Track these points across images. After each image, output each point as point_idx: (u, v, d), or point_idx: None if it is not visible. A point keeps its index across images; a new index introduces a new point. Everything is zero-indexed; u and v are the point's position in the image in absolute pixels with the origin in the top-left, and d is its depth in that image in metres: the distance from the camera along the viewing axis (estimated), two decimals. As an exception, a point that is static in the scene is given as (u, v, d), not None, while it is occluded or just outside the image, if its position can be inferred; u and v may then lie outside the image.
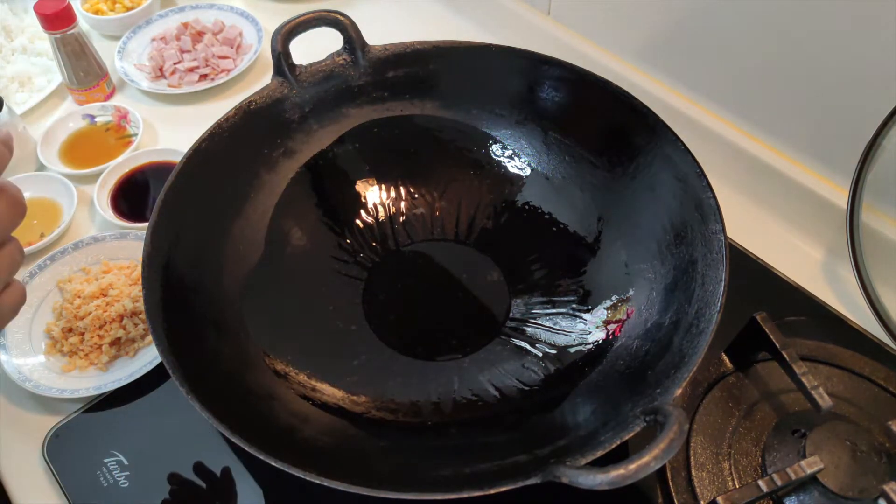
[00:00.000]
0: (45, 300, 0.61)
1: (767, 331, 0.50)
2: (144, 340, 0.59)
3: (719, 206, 0.48)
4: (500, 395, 0.52)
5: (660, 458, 0.34)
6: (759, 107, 0.65)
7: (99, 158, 0.73)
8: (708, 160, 0.53)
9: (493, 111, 0.61)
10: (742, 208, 0.68)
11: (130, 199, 0.70)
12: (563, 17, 0.78)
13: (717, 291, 0.44)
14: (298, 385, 0.50)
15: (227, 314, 0.51)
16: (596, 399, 0.48)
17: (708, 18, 0.63)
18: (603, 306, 0.54)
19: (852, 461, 0.46)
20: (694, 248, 0.49)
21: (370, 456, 0.47)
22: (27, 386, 0.55)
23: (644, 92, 0.69)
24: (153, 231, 0.48)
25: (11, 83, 0.81)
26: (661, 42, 0.69)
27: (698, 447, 0.50)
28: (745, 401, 0.52)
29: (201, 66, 0.82)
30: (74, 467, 0.53)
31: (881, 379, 0.53)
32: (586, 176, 0.58)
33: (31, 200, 0.70)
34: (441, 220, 0.62)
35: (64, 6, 0.72)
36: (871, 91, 0.55)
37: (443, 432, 0.50)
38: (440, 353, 0.55)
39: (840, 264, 0.63)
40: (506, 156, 0.62)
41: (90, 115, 0.77)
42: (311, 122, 0.59)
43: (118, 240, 0.65)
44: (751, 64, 0.62)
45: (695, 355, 0.41)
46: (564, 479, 0.36)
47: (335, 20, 0.56)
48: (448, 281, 0.60)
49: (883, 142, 0.55)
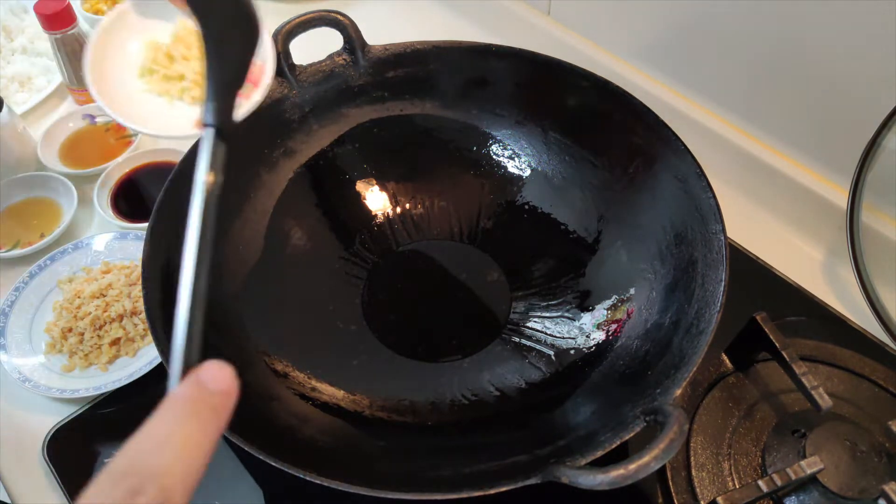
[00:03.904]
0: (45, 300, 0.61)
1: (767, 331, 0.50)
2: (144, 340, 0.59)
3: (719, 206, 0.48)
4: (500, 395, 0.52)
5: (660, 458, 0.34)
6: (759, 107, 0.65)
7: (99, 158, 0.73)
8: (708, 160, 0.53)
9: (493, 111, 0.61)
10: (742, 208, 0.68)
11: (130, 199, 0.70)
12: (563, 17, 0.78)
13: (717, 291, 0.44)
14: (298, 385, 0.50)
15: (227, 314, 0.51)
16: (596, 399, 0.48)
17: (708, 19, 0.63)
18: (603, 306, 0.54)
19: (852, 461, 0.46)
20: (694, 248, 0.49)
21: (370, 456, 0.47)
22: (27, 386, 0.55)
23: (644, 92, 0.69)
24: (153, 231, 0.48)
25: (11, 83, 0.81)
26: (662, 42, 0.69)
27: (698, 447, 0.50)
28: (745, 401, 0.52)
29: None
30: (74, 467, 0.53)
31: (881, 379, 0.53)
32: (586, 176, 0.58)
33: (31, 200, 0.70)
34: (441, 220, 0.62)
35: (64, 6, 0.72)
36: (871, 91, 0.55)
37: (443, 432, 0.50)
38: (440, 354, 0.55)
39: (840, 264, 0.63)
40: (506, 156, 0.62)
41: (90, 115, 0.77)
42: (310, 122, 0.59)
43: (118, 240, 0.65)
44: (751, 64, 0.62)
45: (695, 355, 0.41)
46: (564, 479, 0.36)
47: (335, 20, 0.56)
48: (448, 281, 0.60)
49: (883, 142, 0.55)
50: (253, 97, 0.47)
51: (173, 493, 0.17)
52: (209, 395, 0.20)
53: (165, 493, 0.17)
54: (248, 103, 0.47)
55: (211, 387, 0.21)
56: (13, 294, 0.61)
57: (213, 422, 0.20)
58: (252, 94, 0.47)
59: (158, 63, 0.48)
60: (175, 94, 0.49)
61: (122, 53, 0.48)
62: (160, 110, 0.48)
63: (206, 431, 0.19)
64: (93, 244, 0.65)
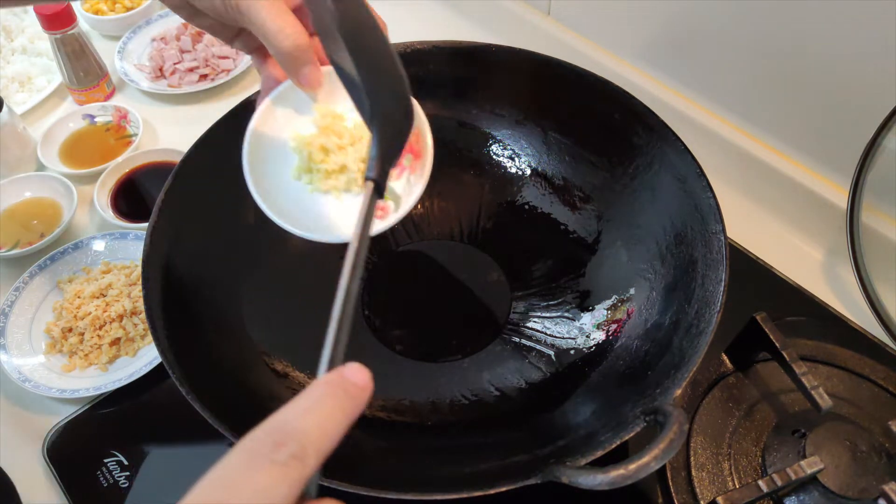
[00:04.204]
0: (45, 300, 0.61)
1: (767, 331, 0.50)
2: (144, 340, 0.59)
3: (719, 206, 0.48)
4: (500, 395, 0.52)
5: (660, 459, 0.34)
6: (759, 107, 0.65)
7: (99, 158, 0.73)
8: (708, 160, 0.53)
9: (493, 111, 0.61)
10: (742, 208, 0.68)
11: (130, 199, 0.70)
12: (563, 17, 0.78)
13: (717, 291, 0.44)
14: (298, 385, 0.50)
15: (227, 314, 0.51)
16: (596, 399, 0.48)
17: (708, 19, 0.63)
18: (603, 306, 0.54)
19: (852, 461, 0.45)
20: (694, 248, 0.49)
21: (370, 456, 0.47)
22: (27, 386, 0.55)
23: (644, 92, 0.69)
24: (153, 231, 0.48)
25: (11, 83, 0.81)
26: (662, 42, 0.69)
27: (698, 447, 0.50)
28: (745, 401, 0.52)
29: (201, 67, 0.82)
30: (74, 467, 0.53)
31: (881, 379, 0.52)
32: (586, 176, 0.58)
33: (31, 200, 0.70)
34: (441, 221, 0.62)
35: (64, 6, 0.72)
36: (871, 91, 0.55)
37: (443, 432, 0.50)
38: (440, 354, 0.55)
39: (840, 264, 0.63)
40: (506, 156, 0.62)
41: (90, 115, 0.77)
42: (311, 122, 0.59)
43: (118, 240, 0.65)
44: (751, 64, 0.62)
45: (695, 355, 0.41)
46: (564, 479, 0.36)
47: (335, 20, 0.56)
48: (448, 281, 0.60)
49: (883, 142, 0.55)
50: (424, 168, 0.43)
51: (308, 453, 0.21)
52: (349, 384, 0.25)
53: (303, 451, 0.21)
54: (423, 175, 0.43)
55: (350, 379, 0.25)
56: (13, 294, 0.61)
57: (348, 405, 0.24)
58: (416, 165, 0.43)
59: (315, 160, 0.43)
60: (342, 188, 0.44)
61: (277, 157, 0.44)
62: (334, 210, 0.44)
63: (343, 410, 0.23)
64: (93, 244, 0.65)
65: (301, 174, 0.44)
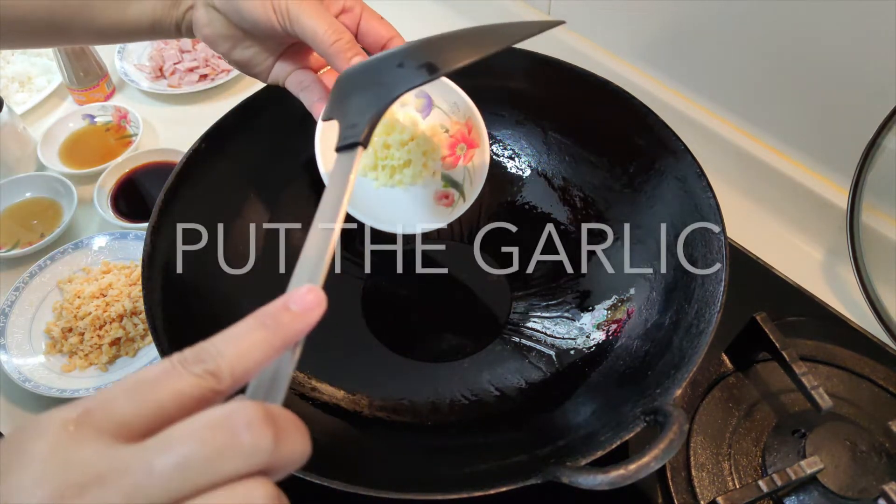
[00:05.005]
0: (45, 300, 0.61)
1: (767, 331, 0.50)
2: (144, 340, 0.59)
3: (719, 206, 0.48)
4: (500, 395, 0.52)
5: (660, 459, 0.34)
6: (759, 107, 0.65)
7: (99, 158, 0.73)
8: (708, 160, 0.53)
9: (493, 111, 0.61)
10: (742, 208, 0.68)
11: (130, 199, 0.70)
12: (563, 17, 0.78)
13: (717, 291, 0.44)
14: (298, 385, 0.50)
15: (227, 314, 0.51)
16: (596, 399, 0.48)
17: (708, 19, 0.63)
18: (603, 306, 0.54)
19: (852, 461, 0.46)
20: (694, 248, 0.49)
21: (370, 456, 0.47)
22: (27, 386, 0.55)
23: (644, 92, 0.69)
24: (153, 231, 0.48)
25: (11, 83, 0.81)
26: (662, 42, 0.69)
27: (698, 447, 0.50)
28: (745, 401, 0.52)
29: (201, 66, 0.82)
30: (74, 467, 0.52)
31: (881, 379, 0.53)
32: (586, 176, 0.58)
33: (31, 200, 0.70)
34: (441, 220, 0.62)
35: (64, 6, 0.71)
36: (871, 91, 0.55)
37: (443, 432, 0.50)
38: (440, 354, 0.55)
39: (840, 264, 0.63)
40: (506, 156, 0.62)
41: (90, 115, 0.77)
42: (311, 122, 0.59)
43: (118, 240, 0.65)
44: (751, 64, 0.62)
45: (695, 355, 0.41)
46: (564, 479, 0.36)
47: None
48: (448, 281, 0.60)
49: (883, 142, 0.55)
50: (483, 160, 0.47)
51: (222, 371, 0.23)
52: (284, 314, 0.26)
53: (217, 369, 0.23)
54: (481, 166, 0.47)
55: (291, 307, 0.26)
56: (13, 294, 0.61)
57: (278, 333, 0.25)
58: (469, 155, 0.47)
59: (379, 157, 0.47)
60: (407, 181, 0.48)
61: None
62: (403, 204, 0.48)
63: (267, 340, 0.25)
64: (93, 244, 0.65)
65: (367, 171, 0.47)
